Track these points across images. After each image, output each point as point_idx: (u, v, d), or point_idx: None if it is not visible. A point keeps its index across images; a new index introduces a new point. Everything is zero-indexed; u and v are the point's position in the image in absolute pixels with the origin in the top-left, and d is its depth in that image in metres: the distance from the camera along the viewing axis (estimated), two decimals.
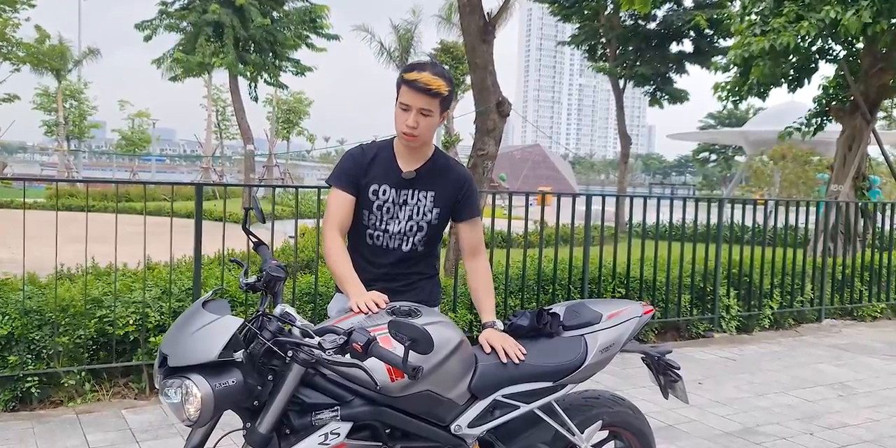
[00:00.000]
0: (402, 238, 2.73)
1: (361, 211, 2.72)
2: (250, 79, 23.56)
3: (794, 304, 7.63)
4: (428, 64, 2.61)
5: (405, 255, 2.75)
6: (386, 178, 2.70)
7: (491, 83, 8.37)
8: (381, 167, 2.71)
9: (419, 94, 2.54)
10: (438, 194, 2.73)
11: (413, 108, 2.57)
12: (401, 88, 2.59)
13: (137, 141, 46.09)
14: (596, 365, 2.63)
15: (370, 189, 2.70)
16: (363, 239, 2.76)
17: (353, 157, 2.74)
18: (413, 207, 2.72)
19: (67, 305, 4.56)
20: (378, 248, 2.75)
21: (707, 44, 19.32)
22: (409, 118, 2.57)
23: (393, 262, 2.75)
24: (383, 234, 2.73)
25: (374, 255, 2.76)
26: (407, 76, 2.55)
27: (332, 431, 2.11)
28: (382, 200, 2.71)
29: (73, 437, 3.93)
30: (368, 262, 2.75)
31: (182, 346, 2.00)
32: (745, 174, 31.33)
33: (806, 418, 4.72)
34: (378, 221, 2.72)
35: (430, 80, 2.53)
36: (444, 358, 2.28)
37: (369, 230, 2.74)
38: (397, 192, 2.71)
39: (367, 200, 2.71)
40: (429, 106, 2.57)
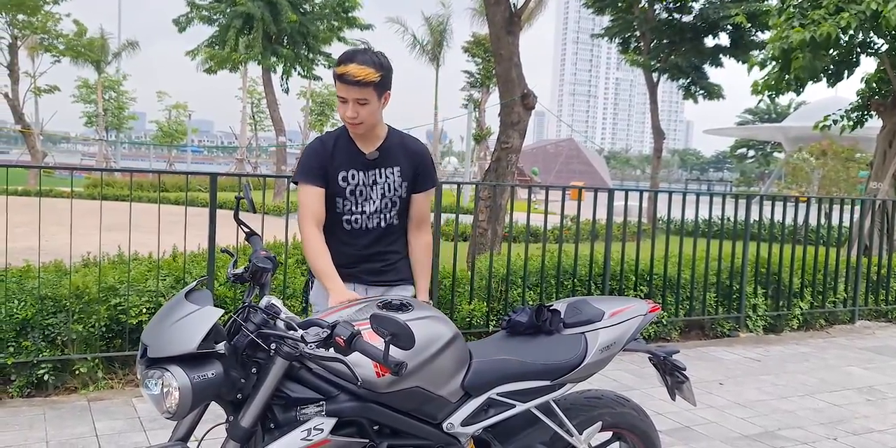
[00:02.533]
0: (380, 216, 2.82)
1: (334, 199, 2.78)
2: (283, 72, 23.69)
3: (825, 305, 7.40)
4: (358, 52, 2.65)
5: (384, 231, 2.84)
6: (351, 162, 2.77)
7: (516, 75, 8.27)
8: (343, 154, 2.77)
9: (350, 86, 2.61)
10: (403, 168, 2.83)
11: (349, 99, 2.64)
12: (336, 81, 2.65)
13: (174, 132, 46.74)
14: (595, 364, 2.53)
15: (339, 176, 2.76)
16: (339, 226, 2.81)
17: (316, 150, 2.79)
18: (383, 185, 2.81)
19: (82, 293, 4.58)
20: (358, 230, 2.82)
21: (744, 37, 18.87)
22: (349, 109, 2.65)
23: (374, 241, 2.83)
24: (361, 215, 2.81)
25: (355, 238, 2.82)
26: (337, 70, 2.62)
27: (316, 427, 2.05)
28: (353, 184, 2.78)
29: (82, 424, 3.95)
30: (349, 245, 2.82)
31: (162, 337, 1.96)
32: (784, 171, 30.70)
33: (830, 423, 4.55)
34: (354, 205, 2.79)
35: (356, 71, 2.57)
36: (435, 353, 2.21)
37: (345, 216, 2.80)
38: (366, 174, 2.79)
39: (338, 188, 2.77)
40: (362, 95, 2.62)
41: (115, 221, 4.65)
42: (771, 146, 56.02)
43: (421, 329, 2.07)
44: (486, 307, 5.66)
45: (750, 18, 17.12)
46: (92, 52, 31.51)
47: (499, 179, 8.09)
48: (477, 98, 33.20)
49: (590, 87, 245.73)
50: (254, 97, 40.58)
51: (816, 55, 9.98)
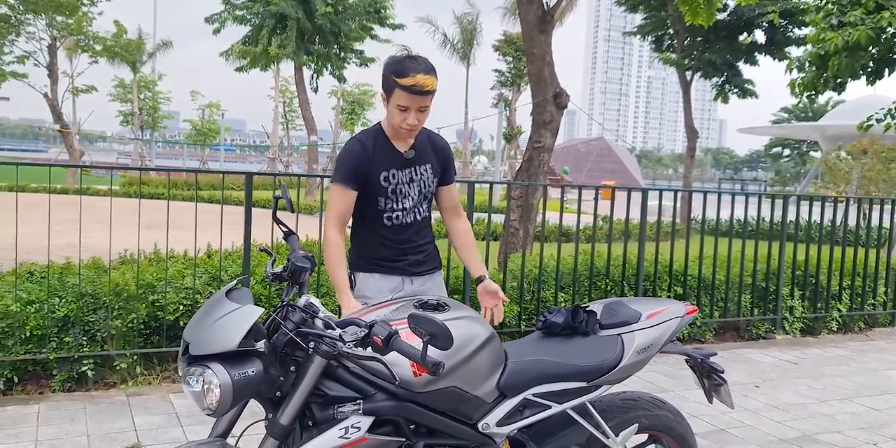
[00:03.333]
0: (415, 210, 2.97)
1: (376, 199, 2.88)
2: (314, 70, 23.85)
3: (864, 307, 7.26)
4: (415, 61, 2.72)
5: (420, 224, 3.00)
6: (391, 162, 2.88)
7: (548, 74, 8.23)
8: (383, 154, 2.87)
9: (416, 96, 2.70)
10: (433, 165, 3.00)
11: (412, 108, 2.74)
12: (394, 91, 2.71)
13: (207, 131, 47.34)
14: (632, 366, 2.52)
15: (381, 177, 2.86)
16: (381, 222, 2.92)
17: (356, 152, 2.86)
18: (419, 182, 2.96)
19: (121, 290, 4.67)
20: (398, 226, 2.94)
21: (780, 34, 18.58)
22: (410, 117, 2.76)
23: (413, 235, 2.98)
24: (402, 212, 2.93)
25: (396, 233, 2.94)
26: (403, 82, 2.67)
27: (353, 425, 2.07)
28: (394, 184, 2.89)
29: (121, 418, 4.03)
30: (392, 240, 2.94)
31: (203, 335, 1.99)
32: (821, 170, 30.13)
33: (871, 428, 4.47)
34: (395, 203, 2.91)
35: (426, 82, 2.68)
36: (471, 354, 2.21)
37: (387, 213, 2.91)
38: (404, 172, 2.91)
39: (380, 188, 2.87)
40: (425, 103, 2.76)
41: (151, 219, 4.72)
42: (807, 145, 55.05)
43: (458, 329, 2.07)
44: (519, 308, 5.65)
45: (785, 15, 16.88)
46: (129, 53, 32.03)
47: (530, 179, 8.05)
48: (507, 97, 33.12)
49: (621, 85, 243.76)
50: (286, 96, 40.93)
51: (854, 57, 9.80)
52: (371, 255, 2.95)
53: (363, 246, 2.97)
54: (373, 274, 2.94)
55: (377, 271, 2.94)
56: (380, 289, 2.92)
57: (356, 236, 3.01)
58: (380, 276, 2.94)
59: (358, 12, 23.39)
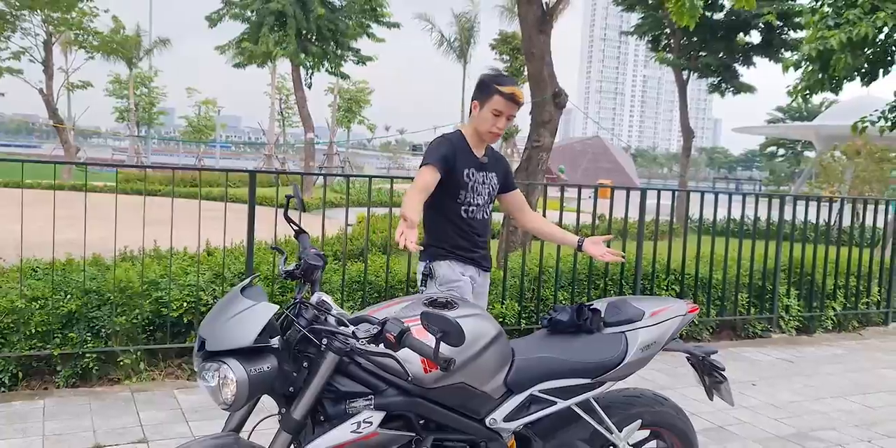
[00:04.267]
0: (484, 209, 3.40)
1: (458, 192, 3.29)
2: (310, 68, 23.81)
3: (858, 306, 7.34)
4: (510, 77, 3.32)
5: (485, 220, 3.43)
6: (471, 163, 3.32)
7: (547, 74, 8.27)
8: (463, 155, 3.30)
9: (513, 104, 3.23)
10: (498, 174, 3.46)
11: (504, 114, 3.24)
12: (493, 98, 3.21)
13: (203, 128, 47.26)
14: (636, 363, 2.57)
15: (463, 172, 3.28)
16: (458, 213, 3.32)
17: (448, 145, 3.27)
18: (489, 185, 3.40)
19: (125, 286, 4.71)
20: (472, 218, 3.35)
21: (776, 36, 18.66)
22: (500, 122, 3.26)
23: (482, 231, 3.42)
24: (476, 208, 3.36)
25: (469, 225, 3.34)
26: (505, 90, 3.20)
27: (365, 420, 2.12)
28: (473, 181, 3.32)
29: (126, 414, 4.07)
30: (466, 232, 3.34)
31: (219, 331, 2.04)
32: (815, 170, 30.26)
33: (865, 425, 4.54)
34: (472, 198, 3.33)
35: (520, 94, 3.25)
36: (480, 351, 2.26)
37: (464, 206, 3.32)
38: (479, 174, 3.35)
39: (462, 181, 3.28)
40: (514, 112, 3.27)
41: (149, 217, 4.74)
42: (802, 145, 55.25)
43: (467, 326, 2.12)
44: (519, 306, 5.70)
45: (781, 17, 16.95)
46: (125, 49, 31.95)
47: (529, 178, 8.10)
48: None
49: (617, 84, 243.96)
50: (282, 93, 40.89)
51: (855, 55, 9.87)
52: (451, 245, 3.31)
53: (442, 236, 3.33)
54: (452, 262, 3.30)
55: (457, 260, 3.31)
56: (461, 275, 3.30)
57: (435, 227, 3.37)
58: (459, 264, 3.32)
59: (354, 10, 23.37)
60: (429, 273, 3.29)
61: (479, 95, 3.28)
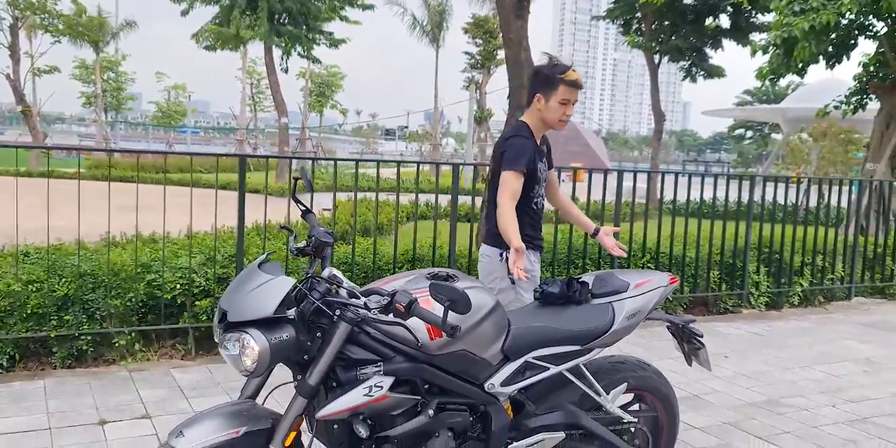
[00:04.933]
0: (542, 195, 3.57)
1: (532, 186, 3.43)
2: (284, 51, 23.68)
3: (824, 282, 7.66)
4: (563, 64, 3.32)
5: (543, 205, 3.59)
6: (539, 156, 3.46)
7: (525, 59, 8.41)
8: (535, 148, 3.43)
9: (576, 90, 3.33)
10: (547, 156, 3.59)
11: (571, 101, 3.33)
12: (559, 86, 3.29)
13: (173, 113, 46.67)
14: (622, 330, 2.76)
15: (538, 167, 3.44)
16: (530, 205, 3.48)
17: (531, 147, 3.39)
18: (545, 172, 3.55)
19: (119, 270, 4.80)
20: (540, 207, 3.55)
21: (744, 20, 18.97)
22: (569, 109, 3.36)
23: (542, 214, 3.59)
24: (540, 197, 3.54)
25: (536, 214, 3.54)
26: (569, 77, 3.28)
27: (376, 384, 2.28)
28: (542, 172, 3.49)
29: (126, 392, 4.19)
30: (535, 221, 3.54)
31: (240, 304, 2.18)
32: (782, 152, 30.86)
33: (830, 392, 4.81)
34: (539, 189, 3.51)
35: (580, 78, 3.34)
36: (480, 320, 2.43)
37: (535, 199, 3.49)
38: (542, 164, 3.49)
39: (536, 177, 3.43)
40: (577, 98, 3.36)
41: (123, 202, 4.80)
42: (769, 127, 56.10)
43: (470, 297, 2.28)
44: None
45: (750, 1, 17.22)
46: (91, 32, 31.40)
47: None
48: (478, 80, 33.24)
49: (587, 68, 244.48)
50: (253, 78, 40.51)
51: (819, 41, 10.15)
52: (525, 234, 3.37)
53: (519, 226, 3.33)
54: (527, 251, 3.41)
55: (530, 248, 3.47)
56: (532, 264, 3.53)
57: None
58: (531, 251, 3.50)
59: None
60: (501, 258, 3.37)
61: (541, 87, 3.33)
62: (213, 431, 2.20)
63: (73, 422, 3.73)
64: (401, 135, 59.78)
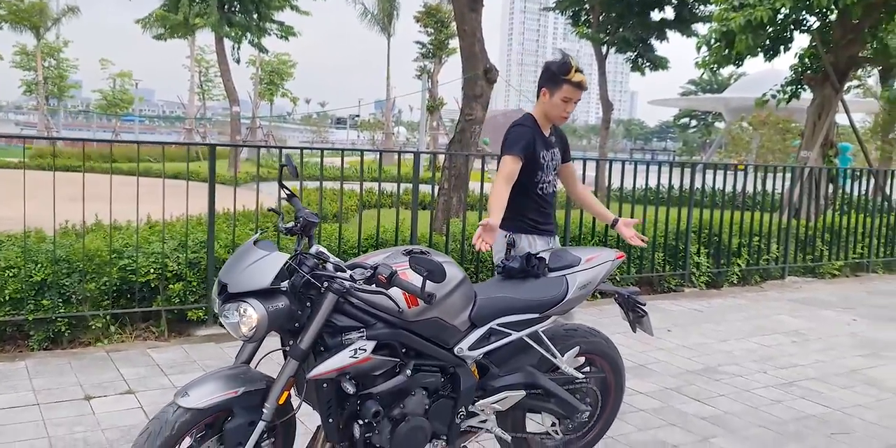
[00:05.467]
0: (553, 183, 3.81)
1: (536, 172, 3.66)
2: (234, 40, 23.51)
3: (760, 263, 8.19)
4: (575, 63, 3.54)
5: (554, 193, 3.84)
6: (545, 145, 3.70)
7: (479, 50, 8.71)
8: (539, 139, 3.68)
9: (579, 90, 3.56)
10: (559, 148, 3.83)
11: (572, 99, 3.57)
12: (563, 85, 3.53)
13: (119, 101, 45.66)
14: (575, 300, 3.10)
15: (541, 154, 3.66)
16: (535, 191, 3.71)
17: (529, 133, 3.64)
18: (555, 161, 3.78)
19: (93, 255, 4.97)
20: (547, 193, 3.77)
21: (688, 12, 19.59)
22: (570, 107, 3.61)
23: (551, 201, 3.83)
24: (547, 184, 3.75)
25: (544, 200, 3.75)
26: (573, 78, 3.52)
27: (360, 348, 2.56)
28: (548, 160, 3.70)
29: (107, 370, 4.38)
30: (542, 207, 3.75)
31: (240, 277, 2.44)
32: (725, 140, 31.89)
33: (762, 360, 5.27)
34: (545, 176, 3.72)
35: (585, 80, 3.56)
36: (451, 290, 2.73)
37: (540, 184, 3.71)
38: (549, 152, 3.72)
39: (539, 163, 3.66)
40: (579, 97, 3.59)
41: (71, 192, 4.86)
42: (712, 116, 57.61)
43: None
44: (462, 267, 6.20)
45: None
46: (32, 17, 30.56)
47: (463, 149, 8.58)
48: (430, 69, 33.42)
49: (537, 56, 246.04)
50: (201, 66, 39.92)
51: (756, 35, 10.70)
52: (530, 219, 3.71)
53: (523, 211, 3.71)
54: (532, 235, 3.71)
55: (535, 233, 3.72)
56: (539, 246, 3.68)
57: (515, 203, 3.64)
58: (537, 236, 3.72)
59: None
60: (512, 243, 3.58)
61: (548, 83, 3.57)
62: (215, 391, 2.46)
63: (60, 398, 3.93)
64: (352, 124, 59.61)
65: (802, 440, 3.87)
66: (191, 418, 2.44)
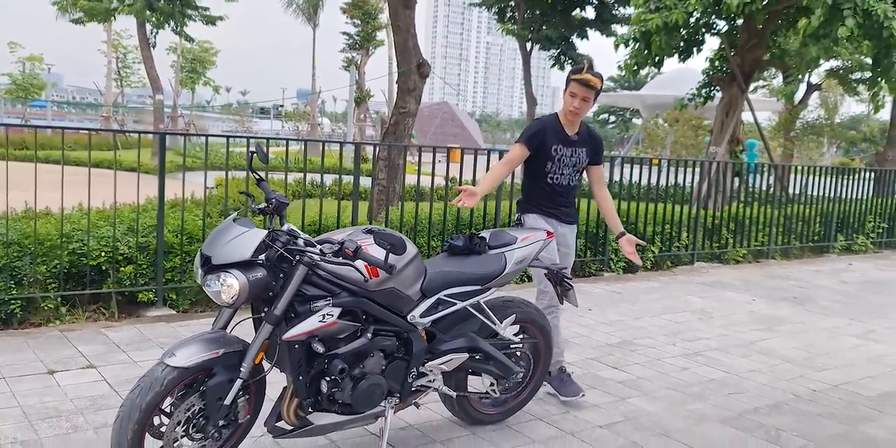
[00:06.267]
0: (570, 177, 4.13)
1: (545, 162, 4.04)
2: (155, 26, 23.06)
3: (672, 249, 8.87)
4: (590, 65, 3.92)
5: (570, 185, 4.16)
6: (560, 140, 4.05)
7: (412, 46, 9.09)
8: (554, 133, 4.06)
9: (583, 87, 3.88)
10: (588, 149, 4.16)
11: (578, 96, 3.90)
12: (570, 83, 3.92)
13: (30, 87, 43.71)
14: (512, 273, 3.54)
15: (552, 147, 4.02)
16: (545, 180, 4.08)
17: (539, 126, 4.06)
18: (576, 158, 4.11)
19: (44, 239, 5.11)
20: (556, 184, 4.10)
21: (608, 12, 20.45)
22: (576, 102, 3.93)
23: (565, 193, 4.16)
24: (560, 176, 4.09)
25: (553, 188, 4.10)
26: (576, 76, 3.89)
27: (328, 314, 2.91)
28: (560, 154, 4.04)
29: (65, 348, 4.57)
30: (550, 194, 4.11)
31: (223, 250, 2.75)
32: (641, 136, 33.20)
33: (671, 334, 5.86)
34: (557, 168, 4.07)
35: (590, 80, 3.87)
36: (406, 264, 3.11)
37: (550, 174, 4.07)
38: (567, 149, 4.07)
39: (549, 154, 4.02)
40: (587, 95, 3.91)
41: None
42: (630, 113, 59.55)
43: None
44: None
45: None
46: None
47: (397, 141, 8.94)
48: (357, 60, 33.49)
49: (461, 50, 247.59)
50: (118, 52, 38.71)
51: (671, 37, 11.45)
52: (536, 201, 4.11)
53: (531, 194, 4.13)
54: (537, 215, 4.09)
55: (540, 214, 4.10)
56: (542, 225, 4.03)
57: (527, 188, 4.14)
58: (542, 217, 4.09)
59: None
60: (520, 222, 4.12)
61: (565, 82, 3.97)
62: (199, 352, 2.78)
63: (23, 372, 4.11)
64: (276, 114, 58.87)
65: (705, 399, 4.43)
66: (178, 376, 2.74)
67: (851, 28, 9.34)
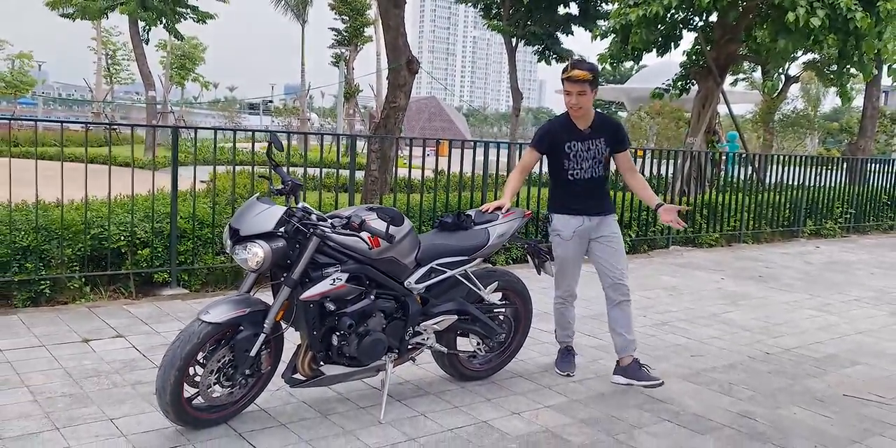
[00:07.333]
0: (591, 170, 4.27)
1: (562, 162, 4.25)
2: (148, 23, 23.39)
3: (648, 234, 9.42)
4: (577, 61, 4.14)
5: (595, 180, 4.30)
6: (573, 136, 4.24)
7: (402, 43, 9.59)
8: (566, 131, 4.26)
9: (573, 83, 4.03)
10: (606, 138, 4.26)
11: (573, 92, 4.04)
12: (564, 81, 4.08)
13: (19, 84, 43.84)
14: (495, 246, 4.07)
15: (565, 146, 4.21)
16: (566, 178, 4.28)
17: (547, 128, 4.32)
18: (595, 150, 4.24)
19: (69, 224, 5.60)
20: (578, 180, 4.27)
21: (591, 8, 20.97)
22: (572, 99, 4.08)
23: (590, 188, 4.29)
24: (580, 171, 4.25)
25: (576, 186, 4.27)
26: (563, 76, 4.08)
27: (337, 278, 3.43)
28: (575, 151, 4.22)
29: (93, 321, 5.06)
30: (574, 191, 4.28)
31: (249, 223, 3.27)
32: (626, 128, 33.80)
33: (643, 308, 6.41)
34: (575, 164, 4.25)
35: (577, 74, 4.01)
36: (404, 236, 3.64)
37: (570, 172, 4.26)
38: (583, 143, 4.23)
39: (563, 153, 4.22)
40: (581, 88, 4.04)
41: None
42: (615, 105, 60.19)
43: None
44: None
45: None
46: None
47: (388, 134, 9.45)
48: (346, 56, 33.88)
49: (448, 44, 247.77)
50: (107, 48, 38.92)
51: (650, 30, 11.98)
52: (561, 200, 4.32)
53: (556, 194, 4.35)
54: (564, 215, 4.29)
55: (568, 214, 4.29)
56: (569, 225, 4.27)
57: (552, 188, 4.37)
58: (569, 216, 4.29)
59: None
60: (549, 220, 4.37)
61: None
62: (229, 310, 3.29)
63: (61, 341, 4.61)
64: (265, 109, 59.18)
65: (668, 360, 4.98)
66: (211, 330, 3.26)
67: (822, 19, 9.86)
